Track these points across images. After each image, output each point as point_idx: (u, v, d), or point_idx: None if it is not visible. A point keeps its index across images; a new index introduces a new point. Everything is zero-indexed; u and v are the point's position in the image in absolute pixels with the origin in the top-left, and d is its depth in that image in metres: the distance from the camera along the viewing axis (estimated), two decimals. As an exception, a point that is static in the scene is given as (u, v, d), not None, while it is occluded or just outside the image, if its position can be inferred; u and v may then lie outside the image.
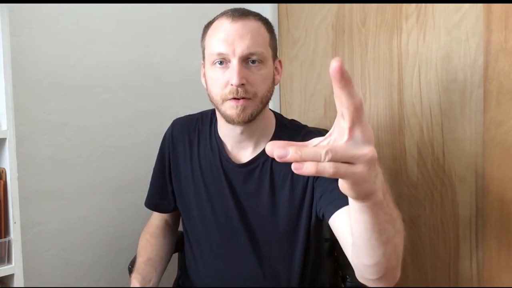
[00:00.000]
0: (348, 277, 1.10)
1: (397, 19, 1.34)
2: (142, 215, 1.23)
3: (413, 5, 1.30)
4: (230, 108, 0.93)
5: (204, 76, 1.01)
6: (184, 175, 1.09)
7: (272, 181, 1.01)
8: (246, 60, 0.92)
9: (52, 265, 1.30)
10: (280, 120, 1.07)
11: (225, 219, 1.04)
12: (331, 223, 0.87)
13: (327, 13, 1.53)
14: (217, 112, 1.01)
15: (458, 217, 1.26)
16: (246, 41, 0.91)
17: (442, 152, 1.28)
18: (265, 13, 1.08)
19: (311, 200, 0.98)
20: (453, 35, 1.23)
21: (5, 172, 1.04)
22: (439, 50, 1.26)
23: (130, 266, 1.15)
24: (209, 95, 0.99)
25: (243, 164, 1.02)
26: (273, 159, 0.44)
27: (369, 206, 0.55)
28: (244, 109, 0.92)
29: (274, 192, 1.01)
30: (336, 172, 0.45)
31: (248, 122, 0.95)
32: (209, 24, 0.99)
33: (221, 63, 0.93)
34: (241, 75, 0.90)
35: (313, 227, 1.00)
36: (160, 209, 1.18)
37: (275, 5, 1.68)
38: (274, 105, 1.67)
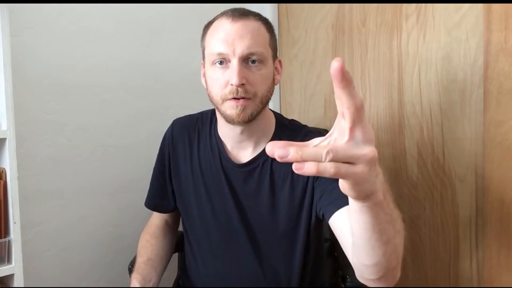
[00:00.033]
0: (348, 277, 1.10)
1: (397, 19, 1.34)
2: (142, 215, 1.23)
3: (413, 5, 1.30)
4: (230, 108, 0.93)
5: (204, 76, 1.01)
6: (184, 175, 1.09)
7: (272, 181, 1.01)
8: (246, 60, 0.92)
9: (52, 265, 1.30)
10: (280, 120, 1.07)
11: (225, 219, 1.04)
12: (331, 223, 0.87)
13: (327, 13, 1.53)
14: (217, 112, 1.01)
15: (458, 217, 1.26)
16: (246, 41, 0.91)
17: (442, 152, 1.28)
18: (265, 13, 1.08)
19: (311, 200, 0.98)
20: (453, 35, 1.23)
21: (5, 172, 1.04)
22: (439, 50, 1.26)
23: (130, 266, 1.15)
24: (209, 95, 0.99)
25: (243, 164, 1.02)
26: (273, 159, 0.44)
27: (369, 206, 0.55)
28: (244, 109, 0.92)
29: (274, 192, 1.01)
30: (337, 172, 0.45)
31: (248, 122, 0.95)
32: (209, 24, 0.99)
33: (221, 63, 0.93)
34: (241, 75, 0.90)
35: (313, 227, 1.00)
36: (160, 209, 1.18)
37: (275, 5, 1.68)
38: (274, 105, 1.67)
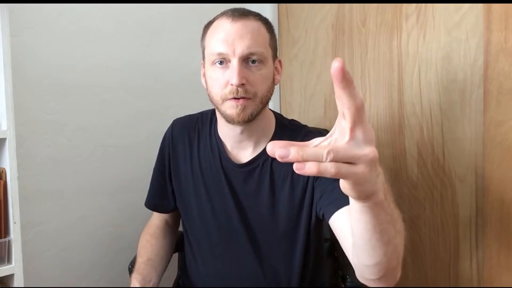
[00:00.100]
0: (348, 277, 1.10)
1: (397, 19, 1.34)
2: (142, 215, 1.23)
3: (413, 5, 1.30)
4: (230, 108, 0.93)
5: (204, 76, 1.01)
6: (184, 175, 1.09)
7: (272, 181, 1.01)
8: (246, 60, 0.92)
9: (52, 265, 1.30)
10: (280, 120, 1.07)
11: (225, 219, 1.04)
12: (331, 223, 0.87)
13: (327, 13, 1.53)
14: (217, 112, 1.01)
15: (458, 217, 1.26)
16: (246, 41, 0.91)
17: (442, 152, 1.28)
18: (265, 13, 1.08)
19: (311, 200, 0.98)
20: (453, 35, 1.23)
21: (5, 172, 1.04)
22: (439, 50, 1.26)
23: (130, 266, 1.15)
24: (209, 95, 0.98)
25: (243, 164, 1.02)
26: (273, 159, 0.44)
27: (370, 207, 0.55)
28: (244, 108, 0.92)
29: (274, 192, 1.01)
30: (337, 172, 0.45)
31: (248, 122, 0.95)
32: (209, 24, 0.99)
33: (221, 63, 0.93)
34: (241, 75, 0.90)
35: (313, 227, 1.00)
36: (160, 209, 1.18)
37: (275, 5, 1.68)
38: (274, 105, 1.67)
